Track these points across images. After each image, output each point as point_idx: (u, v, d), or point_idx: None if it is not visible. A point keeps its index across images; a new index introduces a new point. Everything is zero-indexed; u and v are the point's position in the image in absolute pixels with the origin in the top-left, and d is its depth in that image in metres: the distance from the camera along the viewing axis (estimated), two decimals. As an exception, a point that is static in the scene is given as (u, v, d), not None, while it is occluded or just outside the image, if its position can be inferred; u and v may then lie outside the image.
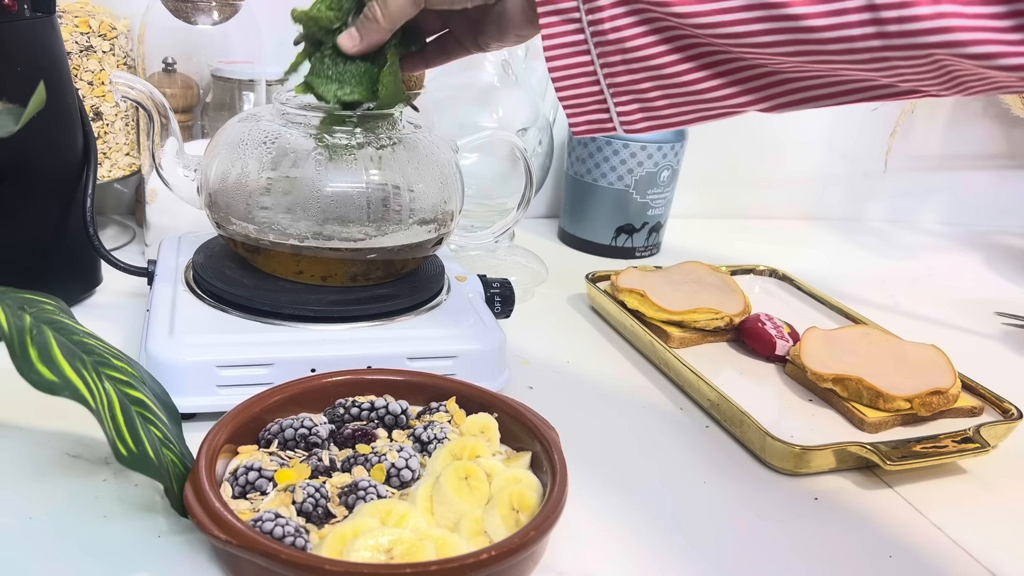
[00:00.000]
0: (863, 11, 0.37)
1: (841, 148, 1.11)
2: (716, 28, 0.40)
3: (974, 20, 0.35)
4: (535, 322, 0.71)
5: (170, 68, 0.76)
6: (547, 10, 0.44)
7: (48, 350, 0.36)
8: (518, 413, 0.47)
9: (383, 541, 0.37)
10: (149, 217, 0.74)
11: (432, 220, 0.58)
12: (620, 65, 0.44)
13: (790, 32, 0.38)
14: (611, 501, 0.48)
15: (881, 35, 0.37)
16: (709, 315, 0.68)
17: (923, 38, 0.36)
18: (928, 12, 0.35)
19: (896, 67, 0.38)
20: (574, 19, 0.43)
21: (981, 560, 0.46)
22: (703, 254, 0.85)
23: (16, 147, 0.53)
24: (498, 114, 0.77)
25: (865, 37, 0.37)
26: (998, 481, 0.54)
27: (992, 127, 1.15)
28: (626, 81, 0.44)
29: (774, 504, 0.50)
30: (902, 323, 0.78)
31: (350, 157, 0.55)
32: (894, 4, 0.36)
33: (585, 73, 0.45)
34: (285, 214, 0.55)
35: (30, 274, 0.61)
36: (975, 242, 1.11)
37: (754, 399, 0.58)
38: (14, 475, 0.45)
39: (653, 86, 0.44)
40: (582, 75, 0.45)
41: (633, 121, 0.46)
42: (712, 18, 0.40)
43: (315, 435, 0.45)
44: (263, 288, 0.56)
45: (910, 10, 0.35)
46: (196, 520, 0.37)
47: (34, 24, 0.56)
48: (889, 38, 0.37)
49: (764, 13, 0.38)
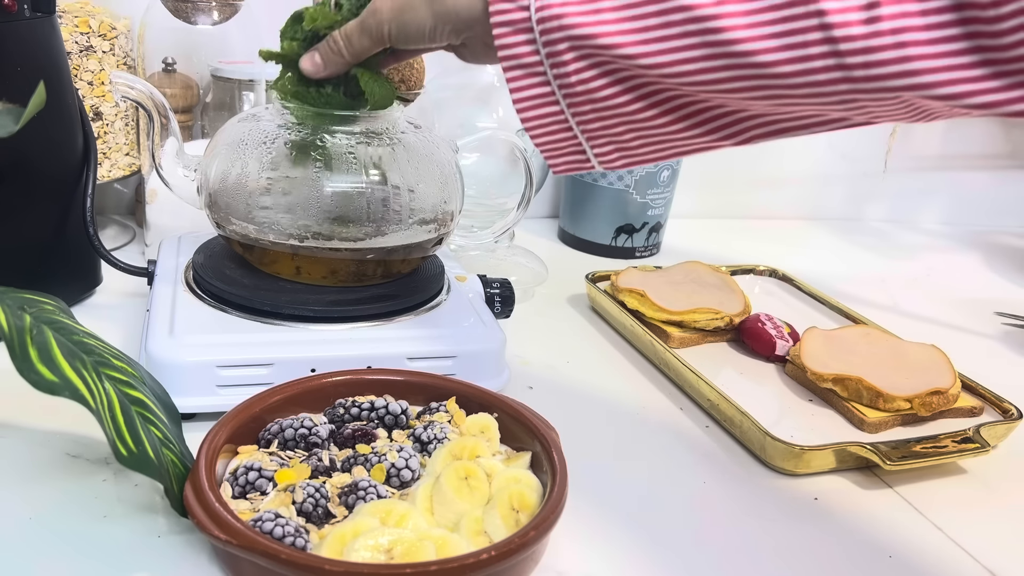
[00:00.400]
0: (827, 57, 0.36)
1: (841, 148, 1.11)
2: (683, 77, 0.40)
3: (939, 60, 0.34)
4: (535, 322, 0.71)
5: (170, 68, 0.76)
6: (511, 64, 0.43)
7: (48, 350, 0.36)
8: (518, 413, 0.47)
9: (383, 541, 0.37)
10: (149, 217, 0.74)
11: (432, 220, 0.58)
12: (591, 114, 0.44)
13: (756, 78, 0.38)
14: (611, 501, 0.48)
15: (848, 79, 0.36)
16: (709, 315, 0.68)
17: (890, 81, 0.35)
18: (892, 56, 0.35)
19: (865, 107, 0.38)
20: (539, 72, 0.43)
21: (981, 560, 0.46)
22: (703, 254, 0.85)
23: (16, 147, 0.53)
24: (498, 114, 0.77)
25: (832, 82, 0.37)
26: (998, 481, 0.54)
27: (992, 127, 1.15)
28: (599, 127, 0.44)
29: (774, 504, 0.50)
30: (902, 323, 0.78)
31: (350, 157, 0.55)
32: (857, 50, 0.35)
33: (557, 122, 0.45)
34: (285, 214, 0.55)
35: (30, 274, 0.61)
36: (975, 242, 1.11)
37: (754, 399, 0.58)
38: (14, 475, 0.45)
39: (626, 130, 0.44)
40: (554, 123, 0.45)
41: (611, 160, 0.46)
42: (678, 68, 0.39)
43: (315, 435, 0.45)
44: (263, 288, 0.56)
45: (875, 55, 0.35)
46: (196, 520, 0.37)
47: (34, 24, 0.56)
48: (856, 82, 0.36)
49: (729, 61, 0.38)
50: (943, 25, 0.34)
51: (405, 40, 0.48)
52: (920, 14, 0.35)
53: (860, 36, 0.35)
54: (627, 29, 0.40)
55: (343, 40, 0.50)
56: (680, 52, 0.39)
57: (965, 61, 0.34)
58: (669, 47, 0.39)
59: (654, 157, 0.46)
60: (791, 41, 0.37)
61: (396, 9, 0.47)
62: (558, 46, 0.41)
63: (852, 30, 0.35)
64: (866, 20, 0.35)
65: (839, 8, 0.36)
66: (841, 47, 0.36)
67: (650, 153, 0.45)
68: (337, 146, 0.55)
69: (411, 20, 0.46)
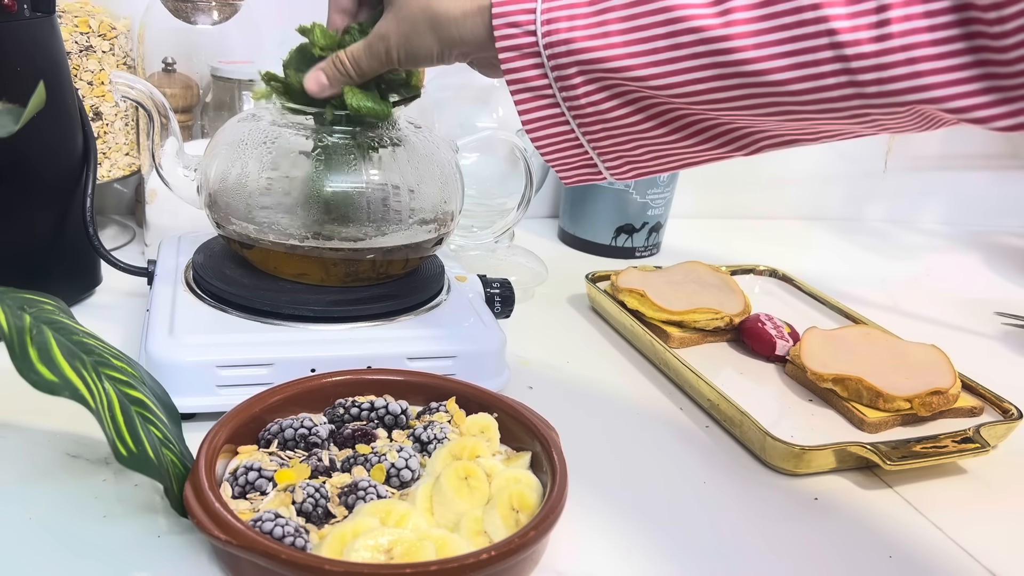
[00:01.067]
0: (839, 75, 0.37)
1: (841, 148, 1.11)
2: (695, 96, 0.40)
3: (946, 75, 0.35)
4: (535, 322, 0.71)
5: (170, 68, 0.76)
6: (519, 88, 0.44)
7: (48, 350, 0.36)
8: (518, 413, 0.47)
9: (383, 541, 0.37)
10: (149, 217, 0.74)
11: (432, 220, 0.58)
12: (601, 132, 0.44)
13: (768, 96, 0.39)
14: (611, 501, 0.48)
15: (860, 95, 0.37)
16: (709, 315, 0.68)
17: (902, 97, 0.36)
18: (904, 73, 0.35)
19: (876, 120, 0.38)
20: (547, 95, 0.43)
21: (981, 560, 0.46)
22: (703, 254, 0.85)
23: (16, 147, 0.53)
24: (498, 114, 0.77)
25: (844, 98, 0.37)
26: (998, 481, 0.54)
27: (992, 127, 1.15)
28: (609, 144, 0.45)
29: (774, 504, 0.50)
30: (902, 323, 0.78)
31: (349, 157, 0.55)
32: (869, 67, 0.36)
33: (568, 140, 0.45)
34: (285, 214, 0.55)
35: (30, 274, 0.61)
36: (975, 242, 1.11)
37: (754, 399, 0.58)
38: (14, 475, 0.45)
39: (636, 145, 0.45)
40: (565, 142, 0.45)
41: (622, 172, 0.47)
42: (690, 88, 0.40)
43: (315, 435, 0.45)
44: (263, 288, 0.56)
45: (887, 72, 0.35)
46: (196, 520, 0.37)
47: (34, 24, 0.56)
48: (868, 98, 0.37)
49: (741, 81, 0.39)
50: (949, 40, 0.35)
51: (414, 63, 0.48)
52: (928, 30, 0.35)
53: (871, 53, 0.36)
54: (635, 52, 0.40)
55: (350, 62, 0.50)
56: (690, 73, 0.40)
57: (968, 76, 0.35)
58: (678, 68, 0.40)
59: (665, 168, 0.46)
60: (802, 60, 0.37)
61: (403, 35, 0.47)
62: (567, 70, 0.42)
63: (863, 48, 0.36)
64: (876, 38, 0.35)
65: (849, 27, 0.36)
66: (853, 65, 0.36)
67: (661, 165, 0.46)
68: (337, 146, 0.55)
69: (419, 45, 0.47)
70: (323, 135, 0.56)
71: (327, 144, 0.55)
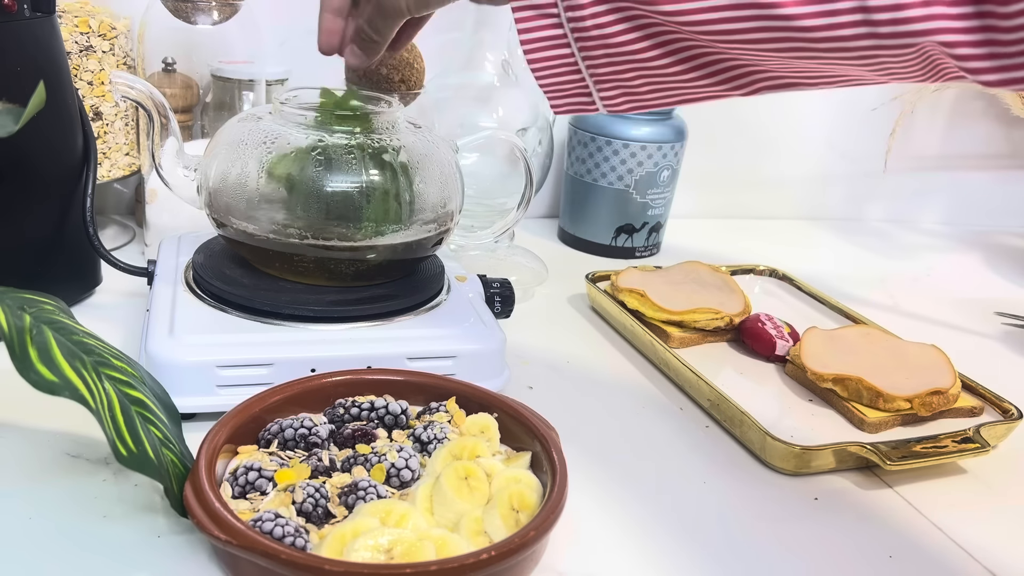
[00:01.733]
0: (855, 12, 0.37)
1: (841, 148, 1.11)
2: (705, 25, 0.40)
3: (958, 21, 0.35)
4: (535, 322, 0.71)
5: (170, 68, 0.76)
6: (523, 4, 0.44)
7: (48, 350, 0.36)
8: (518, 413, 0.47)
9: (383, 541, 0.37)
10: (149, 217, 0.74)
11: (432, 220, 0.58)
12: (603, 58, 0.44)
13: (780, 31, 0.39)
14: (611, 501, 0.48)
15: (873, 35, 0.37)
16: (709, 315, 0.68)
17: (914, 39, 0.36)
18: (920, 14, 0.36)
19: (883, 63, 0.38)
20: (551, 14, 0.43)
21: (981, 560, 0.46)
22: (703, 254, 0.85)
23: (16, 147, 0.53)
24: (498, 114, 0.77)
25: (857, 37, 0.37)
26: (998, 481, 0.54)
27: (992, 127, 1.15)
28: (608, 72, 0.44)
29: (774, 504, 0.50)
30: (902, 323, 0.78)
31: (350, 157, 0.55)
32: (887, 7, 0.36)
33: (566, 64, 0.45)
34: (285, 214, 0.55)
35: (30, 274, 0.61)
36: (975, 242, 1.11)
37: (754, 399, 0.58)
38: (14, 475, 0.45)
39: (636, 75, 0.44)
40: (562, 66, 0.45)
41: (617, 104, 0.46)
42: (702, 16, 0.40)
43: (315, 435, 0.45)
44: (263, 288, 0.56)
45: (903, 12, 0.36)
46: (196, 520, 0.37)
47: (34, 24, 0.56)
48: (880, 38, 0.37)
49: (755, 12, 0.38)
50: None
51: (425, 6, 0.50)
52: None
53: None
54: None
55: (370, 29, 0.52)
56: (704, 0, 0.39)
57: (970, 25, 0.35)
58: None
59: (660, 103, 0.46)
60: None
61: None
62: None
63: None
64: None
65: None
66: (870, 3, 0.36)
67: (657, 99, 0.46)
68: (337, 146, 0.55)
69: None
70: (323, 135, 0.56)
71: (327, 144, 0.55)
